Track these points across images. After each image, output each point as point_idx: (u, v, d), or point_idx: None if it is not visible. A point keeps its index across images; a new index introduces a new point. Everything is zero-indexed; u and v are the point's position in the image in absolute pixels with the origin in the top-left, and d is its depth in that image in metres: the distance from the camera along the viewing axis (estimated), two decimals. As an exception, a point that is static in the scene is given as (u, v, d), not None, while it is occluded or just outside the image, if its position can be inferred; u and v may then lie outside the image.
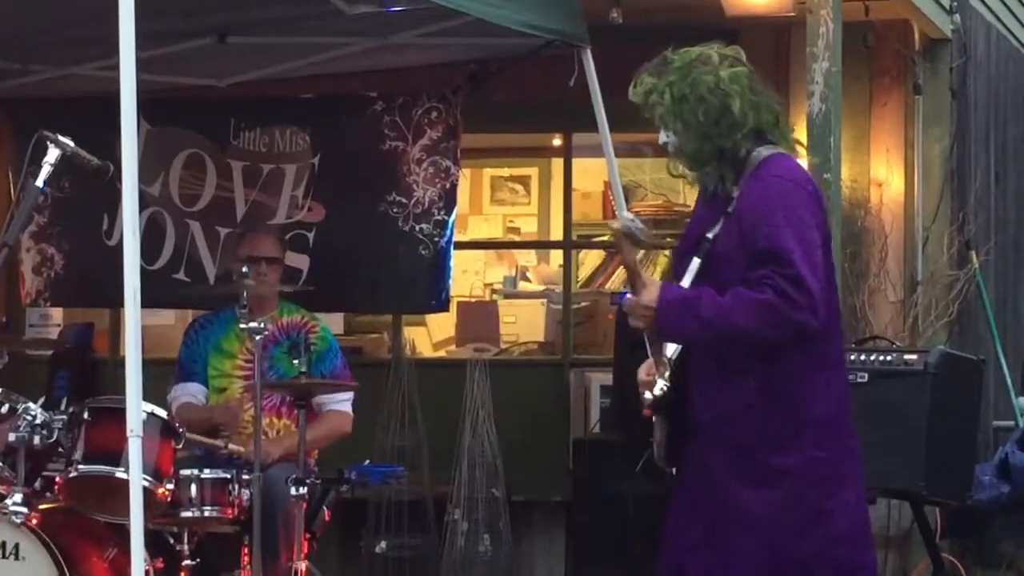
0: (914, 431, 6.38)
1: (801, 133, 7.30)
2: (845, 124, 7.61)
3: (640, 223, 4.73)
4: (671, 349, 4.76)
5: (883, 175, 8.78)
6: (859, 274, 8.50)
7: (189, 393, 7.38)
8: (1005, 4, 10.12)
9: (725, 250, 4.71)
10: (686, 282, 4.76)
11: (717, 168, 4.76)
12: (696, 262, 4.77)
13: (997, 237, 9.11)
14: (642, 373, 4.82)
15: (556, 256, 9.96)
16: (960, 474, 6.77)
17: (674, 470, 4.90)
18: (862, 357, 6.71)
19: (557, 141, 9.44)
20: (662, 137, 4.76)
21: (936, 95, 8.72)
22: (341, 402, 7.34)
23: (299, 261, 8.82)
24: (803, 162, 6.88)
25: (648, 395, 4.76)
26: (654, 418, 4.85)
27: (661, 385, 4.74)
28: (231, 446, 6.88)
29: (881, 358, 6.66)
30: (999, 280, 9.09)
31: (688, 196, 7.61)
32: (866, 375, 6.55)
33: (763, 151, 4.70)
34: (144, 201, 4.73)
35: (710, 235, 4.72)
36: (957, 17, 8.72)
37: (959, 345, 8.11)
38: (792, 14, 7.47)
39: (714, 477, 4.73)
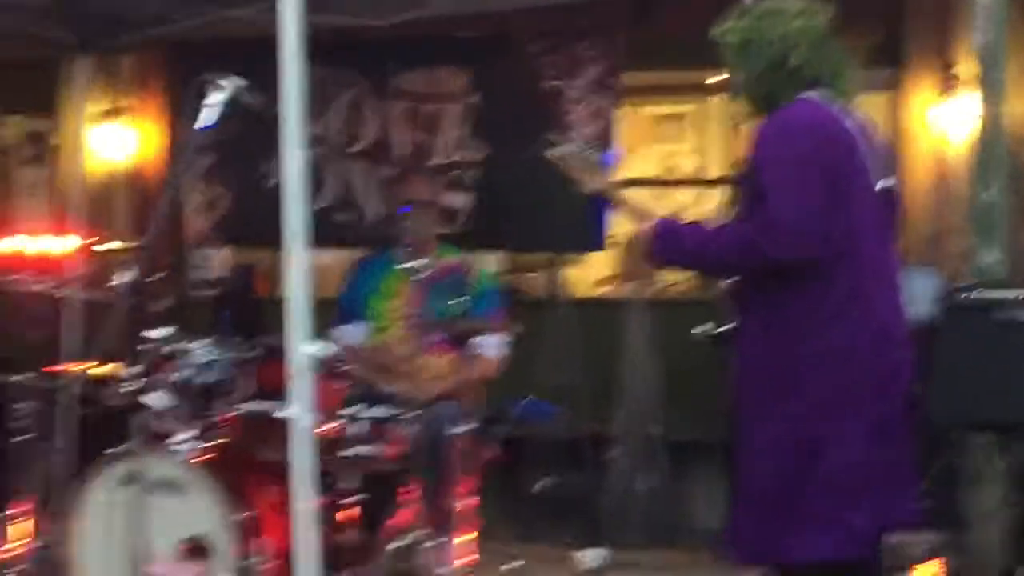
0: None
1: (965, 69, 7.19)
2: (1012, 59, 7.47)
3: (582, 149, 5.08)
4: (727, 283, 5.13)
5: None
6: (1024, 210, 8.36)
7: (354, 335, 7.46)
8: None
9: (743, 184, 5.02)
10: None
11: (757, 112, 5.02)
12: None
13: None
14: None
15: (715, 193, 9.88)
16: None
17: None
18: (1027, 295, 6.59)
19: (717, 77, 9.36)
20: (728, 76, 5.09)
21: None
22: (495, 345, 7.37)
23: (458, 201, 8.87)
24: (965, 98, 6.81)
25: (704, 330, 5.09)
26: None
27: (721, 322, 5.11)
28: (389, 385, 6.94)
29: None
30: None
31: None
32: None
33: (799, 96, 4.94)
34: (308, 142, 4.74)
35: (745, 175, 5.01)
36: None
37: None
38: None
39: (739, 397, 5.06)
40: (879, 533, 5.02)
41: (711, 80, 5.12)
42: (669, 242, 4.98)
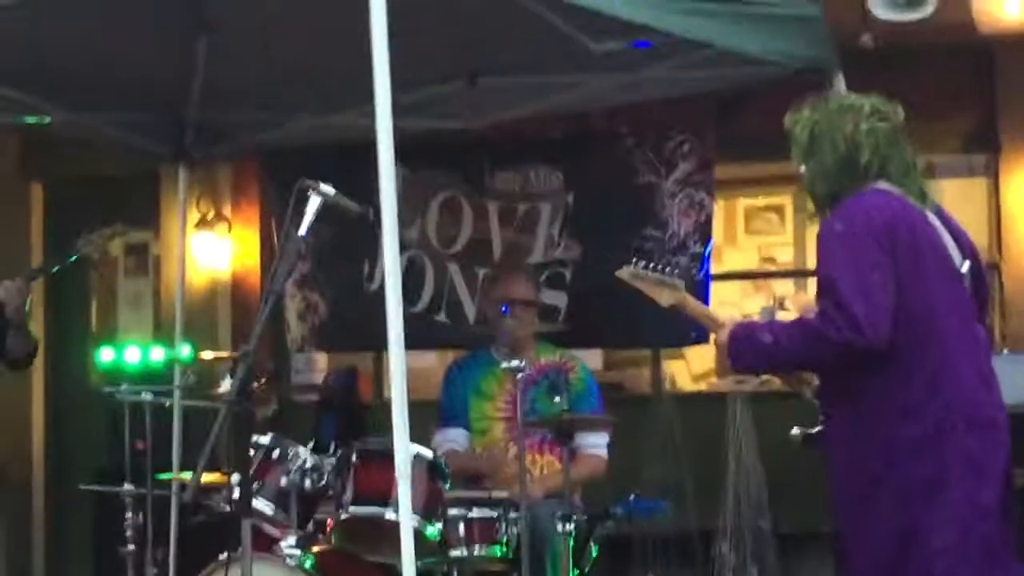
0: None
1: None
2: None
3: (648, 271, 5.09)
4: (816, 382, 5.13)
5: None
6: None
7: (452, 439, 7.46)
8: None
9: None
10: None
11: (821, 210, 5.01)
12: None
13: None
14: None
15: (813, 284, 9.84)
16: None
17: None
18: None
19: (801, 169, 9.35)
20: (796, 166, 5.07)
21: None
22: (597, 445, 7.34)
23: (557, 299, 8.87)
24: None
25: (801, 430, 5.08)
26: None
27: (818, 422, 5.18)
28: (494, 494, 6.91)
29: None
30: None
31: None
32: None
33: (869, 188, 4.92)
34: (403, 244, 4.77)
35: None
36: None
37: None
38: (1049, 28, 7.30)
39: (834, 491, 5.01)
40: None
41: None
42: (744, 344, 5.02)
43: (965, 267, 5.00)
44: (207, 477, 6.32)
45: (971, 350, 4.96)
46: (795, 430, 5.26)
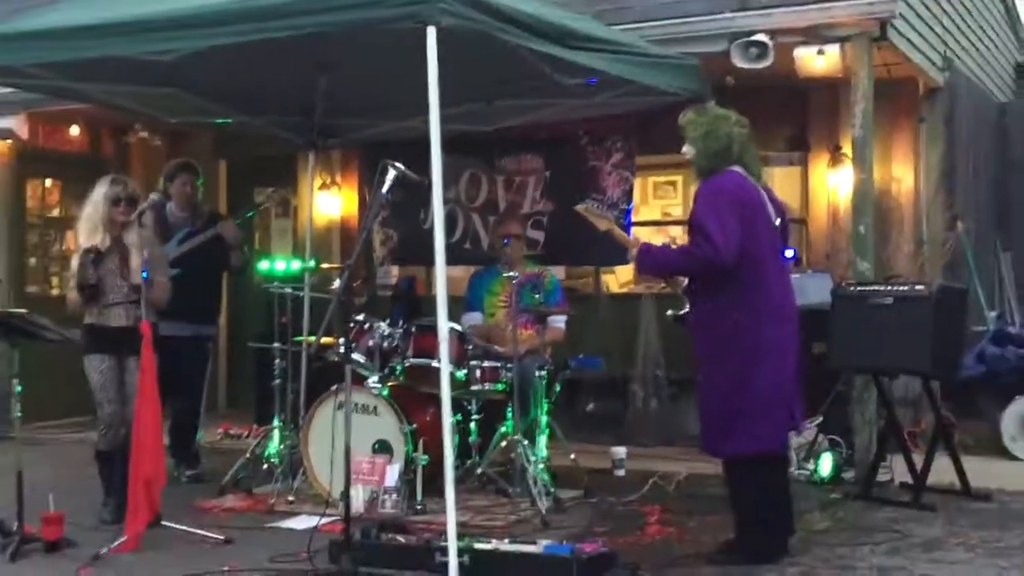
0: (923, 333, 6.20)
1: (847, 149, 7.10)
2: (876, 142, 7.40)
3: (594, 205, 5.11)
4: (685, 283, 5.12)
5: (900, 174, 8.53)
6: (886, 237, 8.27)
7: (474, 319, 7.47)
8: (978, 64, 9.76)
9: (690, 226, 5.00)
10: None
11: (699, 176, 5.03)
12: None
13: (975, 211, 8.79)
14: None
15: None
16: (952, 360, 6.55)
17: None
18: (889, 287, 6.53)
19: (683, 149, 9.29)
20: (685, 149, 5.09)
21: (934, 123, 8.44)
22: (560, 323, 7.35)
23: (538, 235, 8.88)
24: (847, 168, 6.74)
25: (673, 312, 5.16)
26: None
27: (684, 307, 5.31)
28: (496, 348, 6.94)
29: (901, 288, 6.48)
30: (976, 237, 8.75)
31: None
32: (891, 299, 6.38)
33: (719, 170, 4.96)
34: (445, 200, 4.75)
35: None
36: (947, 73, 8.44)
37: (950, 279, 7.86)
38: (840, 75, 7.24)
39: (696, 352, 5.08)
40: (784, 434, 5.05)
41: (682, 151, 5.10)
42: (646, 258, 5.09)
43: (777, 222, 5.06)
44: (325, 339, 6.37)
45: (779, 273, 5.03)
46: (669, 312, 5.39)
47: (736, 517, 5.11)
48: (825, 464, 6.92)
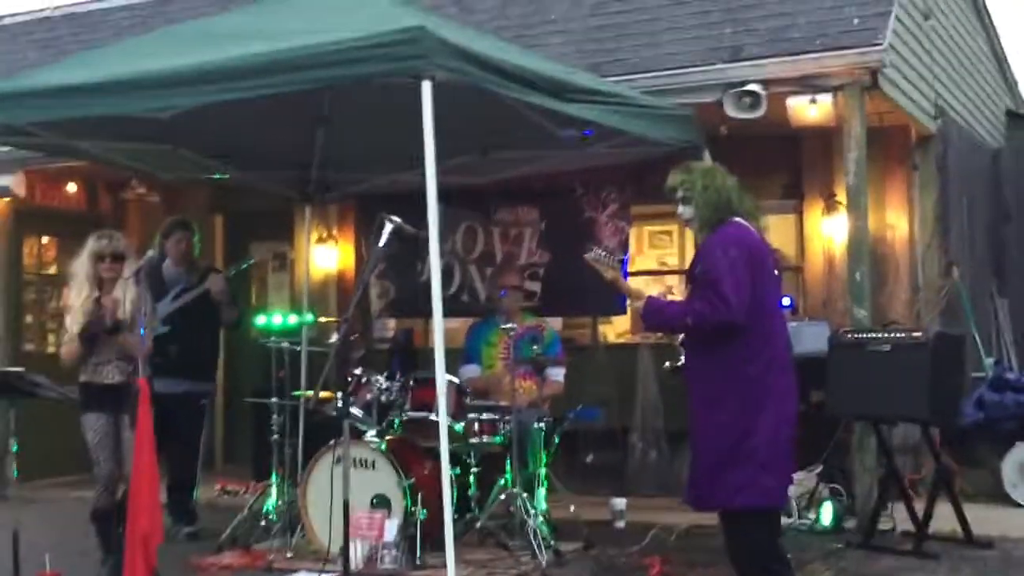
0: (921, 380, 6.19)
1: (842, 197, 7.14)
2: (870, 190, 7.43)
3: (603, 255, 5.00)
4: (681, 336, 4.99)
5: (895, 221, 8.57)
6: (881, 283, 8.28)
7: (471, 370, 7.47)
8: (969, 111, 9.84)
9: (696, 279, 4.84)
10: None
11: (705, 228, 4.90)
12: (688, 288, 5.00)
13: (969, 257, 8.81)
14: None
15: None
16: (952, 407, 6.54)
17: None
18: (886, 334, 6.53)
19: (678, 211, 9.31)
20: (680, 211, 4.94)
21: (927, 171, 8.49)
22: (558, 375, 7.35)
23: (535, 287, 8.89)
24: (842, 215, 6.77)
25: (671, 364, 5.03)
26: None
27: (681, 359, 5.01)
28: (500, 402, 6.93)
29: (898, 335, 6.48)
30: (971, 283, 8.77)
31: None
32: (888, 345, 6.38)
33: (726, 221, 4.83)
34: (441, 253, 4.76)
35: (695, 272, 4.89)
36: (939, 121, 8.50)
37: (947, 326, 7.87)
38: (833, 124, 7.30)
39: (693, 404, 4.89)
40: (784, 488, 4.98)
41: (676, 212, 5.04)
42: (651, 312, 4.93)
43: (776, 273, 5.02)
44: (323, 394, 6.35)
45: (782, 325, 4.96)
46: (667, 364, 5.25)
47: (737, 569, 5.05)
48: (826, 513, 6.88)
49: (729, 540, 4.96)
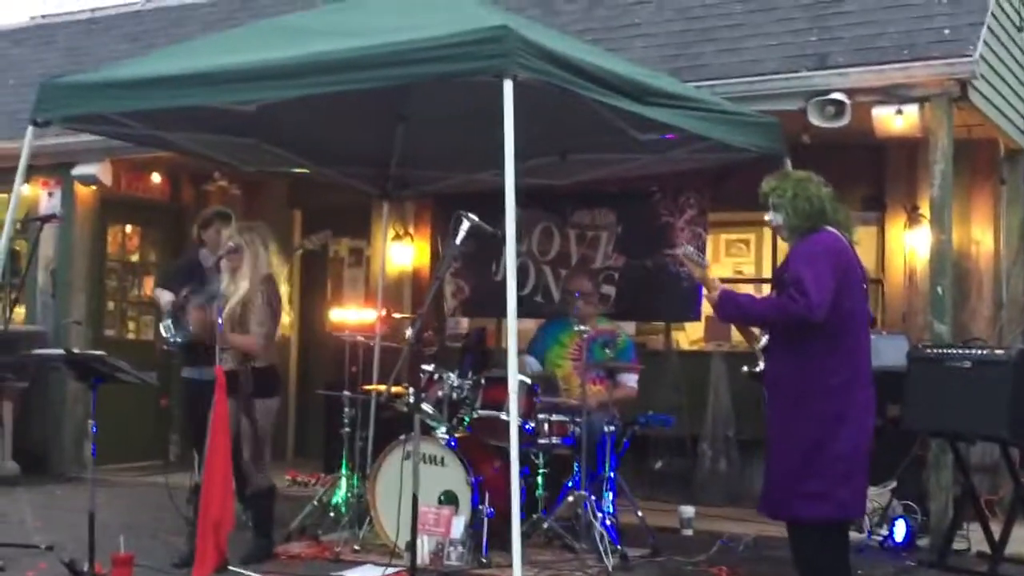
0: (1001, 398, 6.06)
1: (925, 210, 7.04)
2: (955, 203, 7.31)
3: (694, 252, 4.95)
4: (763, 341, 4.94)
5: (979, 236, 8.39)
6: (964, 299, 8.13)
7: (530, 362, 7.31)
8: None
9: (782, 276, 4.85)
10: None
11: (795, 235, 4.88)
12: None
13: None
14: None
15: (765, 288, 9.73)
16: (1032, 427, 6.39)
17: None
18: (967, 351, 6.40)
19: (767, 217, 9.23)
20: (770, 217, 4.93)
21: (1015, 185, 8.33)
22: (632, 380, 7.31)
23: (610, 290, 8.87)
24: (924, 228, 6.65)
25: (748, 369, 4.95)
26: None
27: (760, 365, 4.96)
28: (570, 400, 6.92)
29: (980, 352, 6.34)
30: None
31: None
32: (969, 362, 6.25)
33: (818, 229, 4.82)
34: (517, 253, 4.77)
35: (784, 276, 4.84)
36: (1029, 135, 8.34)
37: (1031, 344, 7.71)
38: (919, 135, 7.18)
39: (771, 412, 4.86)
40: (859, 502, 4.91)
41: (765, 219, 5.01)
42: (729, 306, 4.89)
43: (864, 285, 4.97)
44: (394, 389, 6.40)
45: (867, 338, 4.91)
46: (744, 368, 5.19)
47: None
48: (899, 530, 6.78)
49: (798, 551, 4.92)
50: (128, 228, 10.76)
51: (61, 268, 9.86)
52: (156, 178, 10.42)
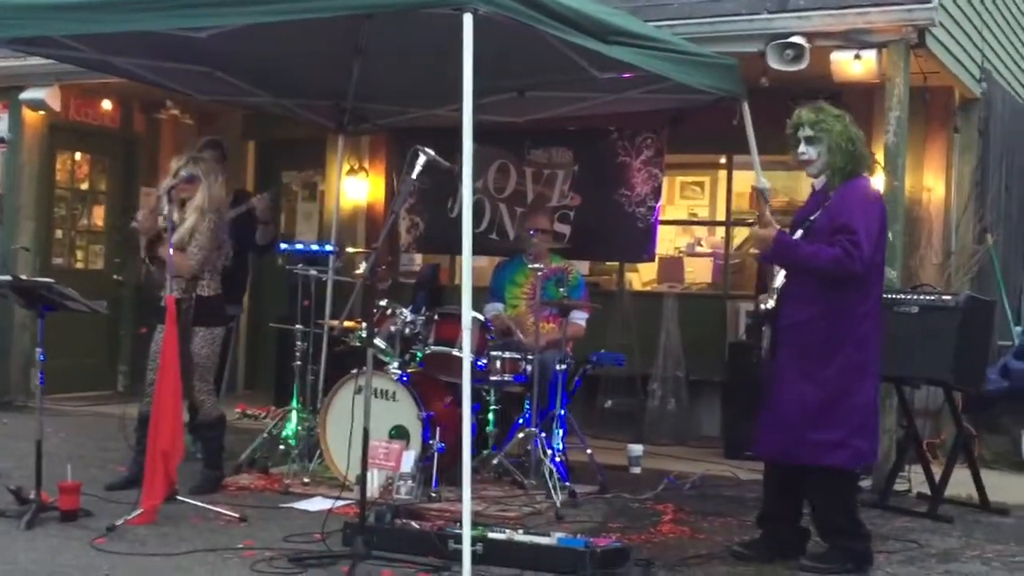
0: (947, 343, 6.16)
1: (880, 156, 7.07)
2: (908, 151, 7.34)
3: (767, 189, 4.90)
4: (778, 281, 4.84)
5: (931, 184, 8.47)
6: (914, 246, 8.21)
7: (496, 308, 7.46)
8: (1015, 77, 9.68)
9: (819, 227, 4.79)
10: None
11: (837, 176, 4.83)
12: (799, 232, 4.89)
13: (1004, 224, 8.72)
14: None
15: (719, 231, 9.77)
16: (976, 372, 6.50)
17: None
18: (915, 296, 6.48)
19: (723, 160, 9.26)
20: (804, 149, 4.83)
21: (968, 134, 8.37)
22: (582, 319, 7.33)
23: (564, 229, 8.85)
24: (880, 175, 6.70)
25: (762, 307, 4.94)
26: (763, 328, 4.98)
27: (770, 303, 4.94)
28: (520, 336, 6.94)
29: (928, 297, 6.43)
30: (1004, 251, 8.69)
31: (801, 196, 7.39)
32: (917, 308, 6.33)
33: (859, 174, 4.83)
34: (473, 190, 4.73)
35: (812, 218, 4.82)
36: (984, 84, 8.37)
37: (977, 291, 7.78)
38: (876, 80, 7.20)
39: (785, 355, 4.83)
40: (874, 451, 4.99)
41: (798, 151, 4.95)
42: (783, 248, 4.81)
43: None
44: (347, 323, 6.38)
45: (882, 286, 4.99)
46: (760, 300, 5.11)
47: (824, 525, 4.99)
48: (843, 471, 6.88)
49: (814, 496, 4.93)
50: (78, 155, 10.57)
51: (8, 194, 9.69)
52: (107, 105, 10.22)
